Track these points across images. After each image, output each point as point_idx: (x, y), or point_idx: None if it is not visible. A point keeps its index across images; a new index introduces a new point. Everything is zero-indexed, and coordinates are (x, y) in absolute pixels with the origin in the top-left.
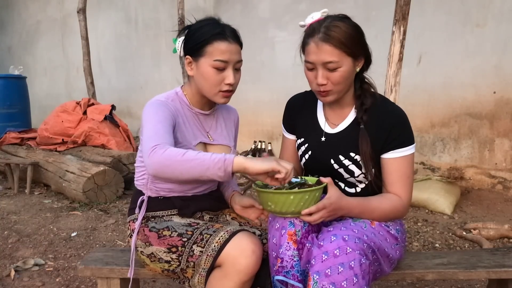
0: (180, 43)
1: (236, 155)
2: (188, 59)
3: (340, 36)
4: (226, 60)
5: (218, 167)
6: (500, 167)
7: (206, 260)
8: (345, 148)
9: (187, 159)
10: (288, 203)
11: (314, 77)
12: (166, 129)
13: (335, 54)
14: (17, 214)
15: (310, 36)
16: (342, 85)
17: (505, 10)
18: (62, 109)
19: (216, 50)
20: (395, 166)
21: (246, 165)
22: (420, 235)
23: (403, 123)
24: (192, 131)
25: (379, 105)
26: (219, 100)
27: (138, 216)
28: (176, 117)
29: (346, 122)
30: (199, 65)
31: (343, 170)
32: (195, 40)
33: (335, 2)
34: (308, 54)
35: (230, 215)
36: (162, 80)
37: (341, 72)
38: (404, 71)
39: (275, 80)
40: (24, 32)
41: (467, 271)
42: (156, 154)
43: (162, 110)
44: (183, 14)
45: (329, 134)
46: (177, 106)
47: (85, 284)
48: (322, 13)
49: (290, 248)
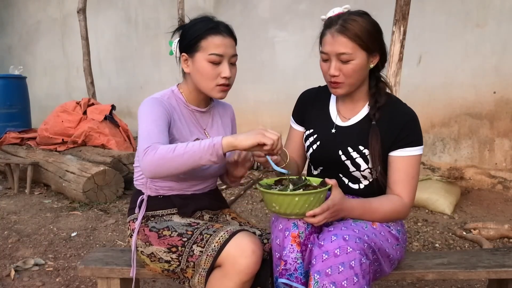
0: (175, 44)
1: (223, 136)
2: (184, 56)
3: (356, 30)
4: (221, 54)
5: (210, 153)
6: (500, 167)
7: (206, 260)
8: (355, 141)
9: (178, 154)
10: (293, 205)
11: (327, 68)
12: (160, 128)
13: (349, 46)
14: (17, 214)
15: (327, 27)
16: (354, 79)
17: (505, 10)
18: (62, 109)
19: (211, 44)
20: (401, 165)
21: (235, 143)
22: (420, 235)
23: (414, 124)
24: (188, 127)
25: (393, 104)
26: (216, 94)
27: (138, 215)
28: (171, 114)
29: (358, 117)
30: (195, 60)
31: (350, 162)
32: (190, 37)
33: (335, 2)
34: (323, 45)
35: (230, 215)
36: (162, 80)
37: (354, 65)
38: (404, 71)
39: (275, 80)
40: (24, 32)
41: (467, 271)
42: (148, 157)
43: (156, 108)
44: (183, 14)
45: (340, 126)
46: (173, 104)
47: (85, 284)
48: (343, 8)
49: (293, 251)
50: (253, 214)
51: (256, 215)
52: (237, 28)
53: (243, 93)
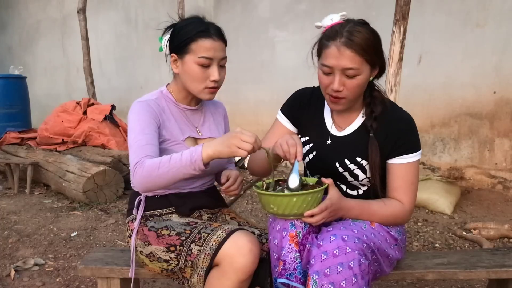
0: (166, 41)
1: (202, 145)
2: (174, 57)
3: (363, 43)
4: (210, 57)
5: (192, 168)
6: (500, 167)
7: (204, 259)
8: (352, 152)
9: (163, 172)
10: (291, 206)
11: (329, 82)
12: (148, 138)
13: (357, 61)
14: (17, 214)
15: (331, 38)
16: (356, 94)
17: (505, 10)
18: (62, 109)
19: (200, 47)
20: (400, 172)
21: (214, 156)
22: (420, 235)
23: (411, 130)
24: (179, 127)
25: (388, 112)
26: (205, 96)
27: (137, 216)
28: (160, 115)
29: (353, 126)
30: (184, 62)
31: (348, 173)
32: (180, 38)
33: (334, 2)
34: (326, 58)
35: (229, 214)
36: (162, 80)
37: (359, 80)
38: (404, 71)
39: (275, 80)
40: (24, 32)
41: (467, 271)
42: (137, 175)
43: (143, 114)
44: (183, 14)
45: (336, 136)
46: (162, 104)
47: (85, 284)
48: (341, 16)
49: (292, 250)
50: (253, 214)
51: (256, 215)
52: (237, 28)
53: (243, 93)
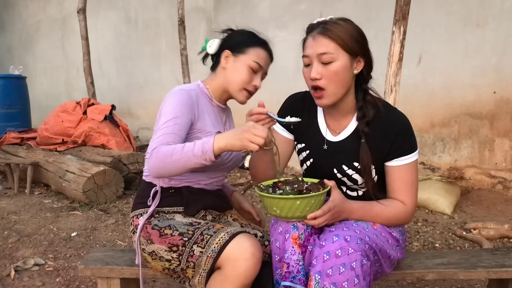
0: (215, 42)
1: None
2: (227, 53)
3: (338, 31)
4: (261, 65)
5: (203, 159)
6: (500, 167)
7: (206, 261)
8: (348, 158)
9: (175, 159)
10: (294, 208)
11: (309, 73)
12: (176, 128)
13: (331, 47)
14: (17, 214)
15: (308, 32)
16: (337, 84)
17: (505, 10)
18: (62, 109)
19: (256, 53)
20: (400, 174)
21: (225, 148)
22: (420, 235)
23: (407, 132)
24: (211, 121)
25: (382, 115)
26: (241, 97)
27: (150, 207)
28: (198, 106)
29: (348, 130)
30: (237, 60)
31: (347, 179)
32: (242, 40)
33: (334, 2)
34: (305, 49)
35: (231, 216)
36: (162, 80)
37: (336, 67)
38: (404, 71)
39: (275, 80)
40: (24, 32)
41: (467, 271)
42: (152, 159)
43: (181, 103)
44: (183, 14)
45: (331, 142)
46: (199, 97)
47: (85, 284)
48: (329, 18)
49: (295, 253)
50: None
51: None
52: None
53: None
